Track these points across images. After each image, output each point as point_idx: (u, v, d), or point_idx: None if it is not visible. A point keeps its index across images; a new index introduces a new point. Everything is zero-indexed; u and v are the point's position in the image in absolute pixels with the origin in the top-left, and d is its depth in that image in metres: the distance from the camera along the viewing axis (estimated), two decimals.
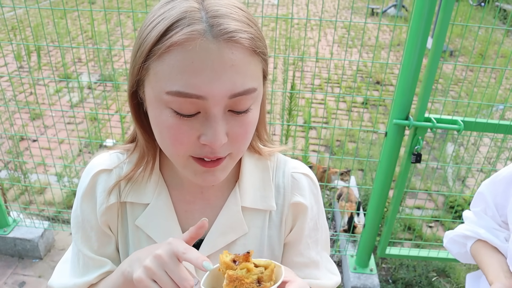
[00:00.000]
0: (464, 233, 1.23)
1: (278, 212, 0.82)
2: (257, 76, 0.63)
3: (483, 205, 1.23)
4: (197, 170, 0.66)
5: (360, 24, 8.14)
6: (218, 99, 0.58)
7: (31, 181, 3.00)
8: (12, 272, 2.47)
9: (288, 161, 0.86)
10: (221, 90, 0.58)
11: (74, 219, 0.82)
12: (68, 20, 7.49)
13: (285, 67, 3.78)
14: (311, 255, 0.87)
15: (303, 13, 9.20)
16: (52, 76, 4.83)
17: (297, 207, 0.83)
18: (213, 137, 0.60)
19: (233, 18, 0.59)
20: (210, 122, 0.60)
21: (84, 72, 5.50)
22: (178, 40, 0.56)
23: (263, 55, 0.63)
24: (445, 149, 3.86)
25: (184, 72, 0.57)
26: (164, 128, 0.62)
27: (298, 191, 0.83)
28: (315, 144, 4.00)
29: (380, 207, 2.13)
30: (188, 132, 0.61)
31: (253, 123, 0.65)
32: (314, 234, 0.87)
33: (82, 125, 4.20)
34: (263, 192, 0.81)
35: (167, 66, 0.58)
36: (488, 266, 1.12)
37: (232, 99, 0.59)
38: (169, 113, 0.60)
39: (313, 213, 0.85)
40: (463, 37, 2.02)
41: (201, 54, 0.56)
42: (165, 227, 0.78)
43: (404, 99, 1.82)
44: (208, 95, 0.57)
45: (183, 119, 0.60)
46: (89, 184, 0.79)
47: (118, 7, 1.94)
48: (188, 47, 0.56)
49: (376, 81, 5.80)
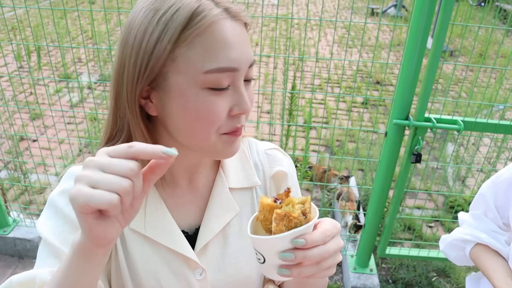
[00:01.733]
0: (463, 237, 1.22)
1: (261, 188, 0.88)
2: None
3: (483, 207, 1.22)
4: (228, 141, 0.70)
5: (360, 24, 8.14)
6: (245, 69, 0.67)
7: (31, 181, 3.00)
8: (12, 272, 2.47)
9: (257, 142, 0.92)
10: (247, 60, 0.67)
11: (46, 220, 0.74)
12: (68, 20, 7.49)
13: (285, 67, 3.77)
14: None
15: (303, 13, 9.20)
16: (52, 76, 4.83)
17: (278, 176, 0.89)
18: (246, 104, 0.68)
19: (229, 1, 0.69)
20: (241, 91, 0.68)
21: (84, 72, 5.50)
22: (206, 23, 0.63)
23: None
24: (445, 149, 3.86)
25: (220, 49, 0.64)
26: (202, 109, 0.66)
27: (275, 163, 0.89)
28: (315, 144, 4.00)
29: (380, 207, 2.13)
30: (223, 105, 0.66)
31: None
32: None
33: (82, 125, 4.20)
34: (244, 172, 0.86)
35: (201, 48, 0.63)
36: (493, 272, 1.11)
37: (247, 69, 0.68)
38: (206, 92, 0.65)
39: (294, 180, 0.91)
40: (463, 37, 2.02)
41: (229, 32, 0.65)
42: (160, 224, 0.78)
43: (404, 99, 1.83)
44: (240, 66, 0.66)
45: (218, 95, 0.66)
46: (68, 187, 0.74)
47: (118, 7, 1.93)
48: (216, 28, 0.64)
49: (376, 81, 5.80)
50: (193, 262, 0.78)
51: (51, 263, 0.72)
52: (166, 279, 0.78)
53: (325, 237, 0.61)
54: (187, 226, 0.82)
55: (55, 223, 0.74)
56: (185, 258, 0.78)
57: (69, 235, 0.72)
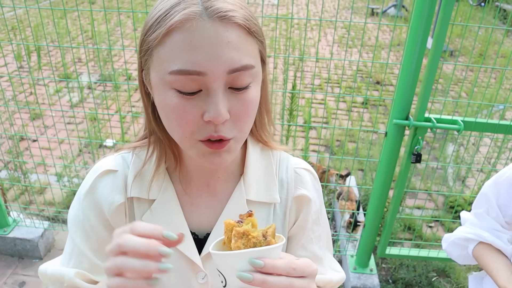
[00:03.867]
0: (465, 236, 1.23)
1: (282, 206, 0.84)
2: (254, 55, 0.66)
3: (485, 206, 1.22)
4: (205, 151, 0.67)
5: (360, 24, 8.13)
6: (218, 75, 0.61)
7: (31, 181, 3.00)
8: (12, 272, 2.47)
9: (290, 158, 0.88)
10: (219, 65, 0.61)
11: (74, 217, 0.82)
12: (68, 20, 7.49)
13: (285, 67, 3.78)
14: (314, 249, 0.87)
15: (303, 13, 9.20)
16: (52, 76, 4.83)
17: (300, 200, 0.85)
18: (215, 112, 0.62)
19: (225, 1, 0.63)
20: (211, 98, 0.62)
21: (84, 72, 5.50)
22: (175, 22, 0.61)
23: (258, 36, 0.67)
24: (445, 149, 3.86)
25: (184, 51, 0.61)
26: (169, 110, 0.65)
27: (301, 185, 0.85)
28: (315, 144, 4.00)
29: (380, 207, 2.13)
30: (192, 110, 0.63)
31: (253, 102, 0.67)
32: (317, 229, 0.88)
33: (82, 125, 4.20)
34: (267, 186, 0.83)
35: (168, 48, 0.62)
36: (496, 270, 1.12)
37: (231, 75, 0.62)
38: (173, 93, 0.63)
39: (316, 206, 0.87)
40: (463, 37, 2.02)
41: (198, 33, 0.60)
42: (171, 221, 0.79)
43: (404, 99, 1.82)
44: (207, 70, 0.61)
45: (186, 98, 0.63)
46: (92, 184, 0.79)
47: (118, 7, 1.94)
48: (186, 28, 0.61)
49: (376, 81, 5.80)
50: (197, 266, 0.79)
51: (74, 263, 0.81)
52: (168, 278, 0.78)
53: (289, 269, 0.57)
54: (198, 229, 0.82)
55: (80, 223, 0.81)
56: (190, 261, 0.78)
57: (92, 233, 0.81)
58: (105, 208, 0.79)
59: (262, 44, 0.69)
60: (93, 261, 0.80)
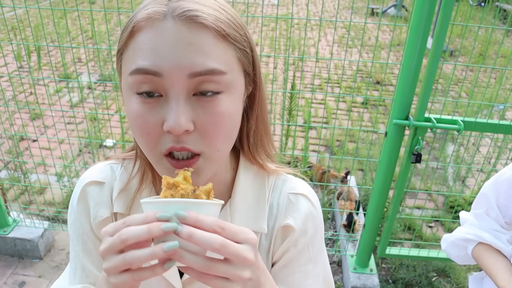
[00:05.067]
0: (465, 236, 1.22)
1: (268, 235, 0.77)
2: (226, 60, 0.60)
3: (485, 207, 1.22)
4: (170, 169, 0.62)
5: (360, 24, 8.13)
6: (176, 78, 0.57)
7: (31, 181, 3.00)
8: (12, 272, 2.47)
9: (287, 180, 0.80)
10: (177, 67, 0.56)
11: (74, 230, 0.80)
12: (68, 20, 7.49)
13: (285, 67, 3.77)
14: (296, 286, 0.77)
15: (303, 13, 9.20)
16: (52, 76, 4.83)
17: (286, 229, 0.76)
18: (174, 120, 0.56)
19: (197, 2, 0.59)
20: (170, 104, 0.58)
21: (84, 72, 5.50)
22: (137, 21, 0.59)
23: (236, 42, 0.61)
24: (445, 149, 3.86)
25: (142, 50, 0.58)
26: (132, 118, 0.61)
27: (291, 214, 0.76)
28: (315, 144, 4.00)
29: (380, 207, 2.13)
30: (152, 118, 0.59)
31: (226, 115, 0.61)
32: (304, 262, 0.78)
33: (82, 125, 4.20)
34: (255, 213, 0.75)
35: (131, 49, 0.60)
36: (496, 271, 1.12)
37: (194, 80, 0.57)
38: (135, 99, 0.60)
39: (306, 237, 0.77)
40: (463, 37, 2.02)
41: (158, 32, 0.57)
42: None
43: (404, 99, 1.82)
44: (163, 71, 0.57)
45: (146, 105, 0.59)
46: (80, 195, 0.78)
47: (118, 7, 1.93)
48: (147, 28, 0.58)
49: (376, 81, 5.80)
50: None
51: (80, 278, 0.79)
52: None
53: (217, 227, 0.51)
54: None
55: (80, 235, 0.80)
56: (170, 285, 0.75)
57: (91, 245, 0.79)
58: (91, 219, 0.77)
59: (243, 53, 0.63)
60: (97, 276, 0.79)
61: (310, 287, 0.79)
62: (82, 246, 0.79)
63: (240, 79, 0.64)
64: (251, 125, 0.72)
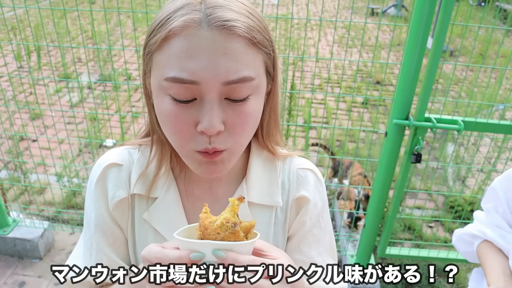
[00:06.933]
0: (472, 232, 1.23)
1: (283, 209, 0.83)
2: (255, 66, 0.64)
3: (494, 201, 1.21)
4: (201, 160, 0.67)
5: (360, 24, 8.13)
6: (212, 85, 0.60)
7: (31, 181, 3.00)
8: (12, 272, 2.47)
9: (294, 158, 0.87)
10: (214, 76, 0.59)
11: (90, 212, 0.81)
12: (68, 20, 7.49)
13: (285, 67, 3.77)
14: (311, 254, 0.84)
15: (303, 13, 9.20)
16: (52, 76, 4.83)
17: (300, 201, 0.83)
18: (208, 123, 0.61)
19: (230, 8, 0.61)
20: (205, 108, 0.61)
21: (84, 72, 5.50)
22: (173, 28, 0.60)
23: (263, 47, 0.65)
24: (445, 149, 3.86)
25: (180, 58, 0.60)
26: (165, 116, 0.64)
27: (303, 186, 0.83)
28: (315, 144, 4.00)
29: (380, 207, 2.13)
30: (186, 119, 0.63)
31: (252, 115, 0.66)
32: (317, 232, 0.85)
33: (82, 125, 4.20)
34: (269, 188, 0.81)
35: (166, 54, 0.61)
36: (489, 268, 1.12)
37: (227, 87, 0.61)
38: (169, 100, 0.63)
39: (317, 209, 0.84)
40: (463, 37, 2.02)
41: (195, 41, 0.59)
42: (172, 221, 0.79)
43: (404, 99, 1.82)
44: (201, 80, 0.59)
45: (181, 106, 0.62)
46: (99, 176, 0.80)
47: (118, 7, 1.93)
48: (183, 35, 0.60)
49: (376, 81, 5.80)
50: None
51: (95, 260, 0.81)
52: None
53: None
54: None
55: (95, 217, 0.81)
56: None
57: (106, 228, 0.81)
58: (109, 200, 0.79)
59: (268, 56, 0.67)
60: (111, 258, 0.81)
61: (321, 253, 0.86)
62: (96, 228, 0.81)
63: (264, 80, 0.69)
64: (265, 116, 0.76)
